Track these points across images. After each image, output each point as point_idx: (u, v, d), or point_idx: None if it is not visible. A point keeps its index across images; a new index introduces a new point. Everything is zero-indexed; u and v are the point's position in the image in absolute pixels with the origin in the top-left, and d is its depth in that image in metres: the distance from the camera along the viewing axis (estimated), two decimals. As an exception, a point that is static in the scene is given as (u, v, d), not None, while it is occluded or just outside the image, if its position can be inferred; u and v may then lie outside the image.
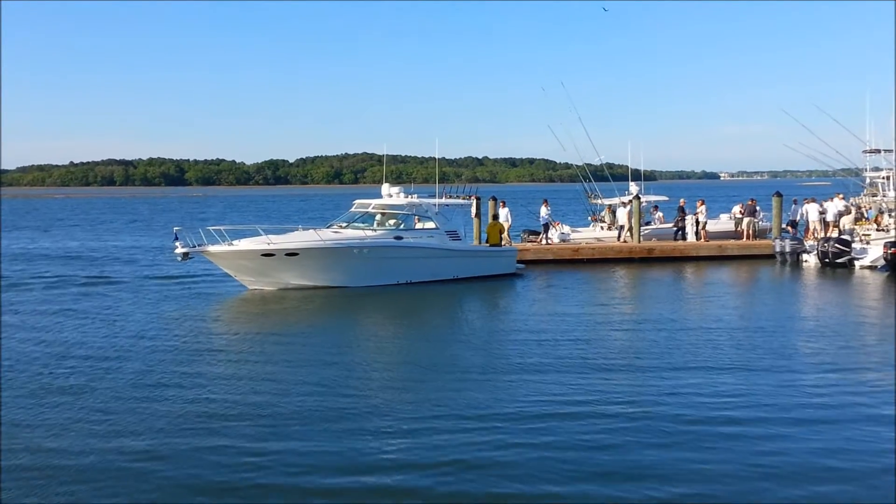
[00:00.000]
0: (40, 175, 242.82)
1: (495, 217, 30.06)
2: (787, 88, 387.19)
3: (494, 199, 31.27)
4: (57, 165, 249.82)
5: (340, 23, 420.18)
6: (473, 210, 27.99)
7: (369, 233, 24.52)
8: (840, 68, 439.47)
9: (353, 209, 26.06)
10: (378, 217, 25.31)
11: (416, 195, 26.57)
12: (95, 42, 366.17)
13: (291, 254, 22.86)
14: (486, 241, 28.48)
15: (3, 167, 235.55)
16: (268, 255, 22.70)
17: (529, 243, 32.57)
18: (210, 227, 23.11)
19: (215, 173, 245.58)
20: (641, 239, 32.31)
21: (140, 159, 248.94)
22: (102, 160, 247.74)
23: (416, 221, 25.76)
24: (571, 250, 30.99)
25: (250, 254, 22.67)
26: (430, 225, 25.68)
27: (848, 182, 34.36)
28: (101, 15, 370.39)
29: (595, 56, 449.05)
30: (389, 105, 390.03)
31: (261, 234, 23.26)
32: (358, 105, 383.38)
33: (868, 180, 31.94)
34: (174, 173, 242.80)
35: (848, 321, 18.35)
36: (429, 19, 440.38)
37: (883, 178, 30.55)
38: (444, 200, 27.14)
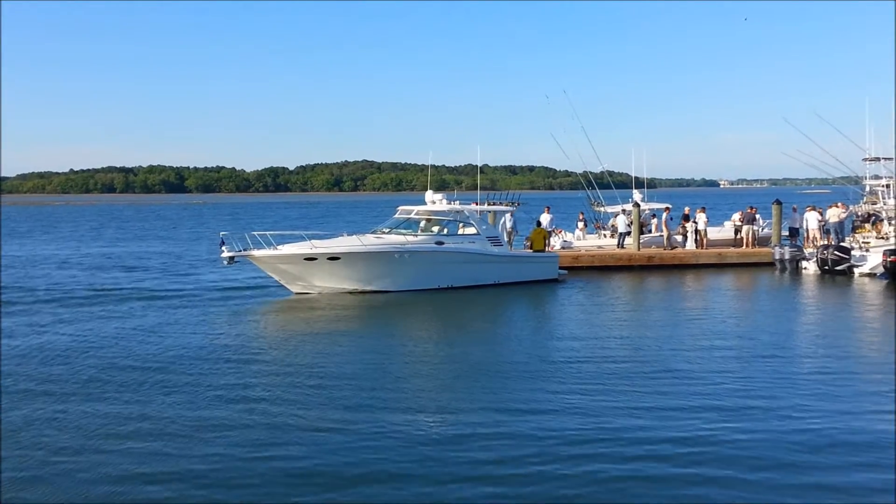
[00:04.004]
0: (40, 182, 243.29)
1: (538, 224, 30.36)
2: (787, 98, 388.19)
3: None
4: (57, 173, 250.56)
5: (340, 29, 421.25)
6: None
7: (411, 238, 24.78)
8: (840, 78, 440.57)
9: (396, 215, 26.43)
10: (422, 223, 25.64)
11: (458, 201, 26.92)
12: (96, 49, 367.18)
13: (333, 258, 23.21)
14: (531, 247, 28.67)
15: (3, 174, 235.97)
16: (310, 259, 23.07)
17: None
18: (255, 232, 23.72)
19: (215, 180, 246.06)
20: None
21: (140, 166, 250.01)
22: (102, 167, 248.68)
23: (460, 227, 25.99)
24: (571, 257, 30.94)
25: (293, 258, 23.07)
26: (472, 230, 25.89)
27: (847, 190, 34.38)
28: (101, 22, 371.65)
29: (595, 64, 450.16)
30: (389, 113, 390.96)
31: (304, 240, 23.64)
32: (358, 113, 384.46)
33: (868, 188, 31.97)
34: (174, 180, 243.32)
35: (847, 334, 18.35)
36: (429, 26, 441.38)
37: (883, 186, 30.58)
38: (486, 207, 27.52)
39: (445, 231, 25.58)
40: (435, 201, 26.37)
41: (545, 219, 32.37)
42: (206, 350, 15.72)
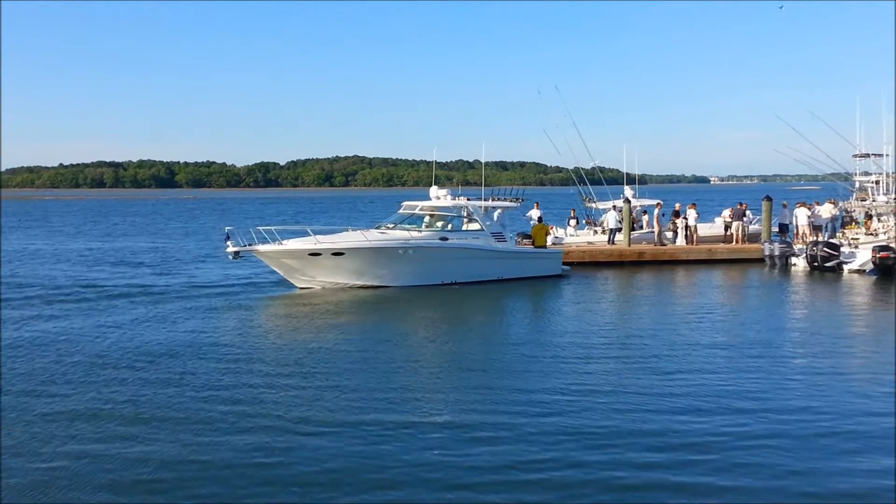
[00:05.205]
0: (30, 177, 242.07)
1: (540, 220, 30.42)
2: (778, 95, 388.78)
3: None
4: (46, 167, 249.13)
5: (332, 25, 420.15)
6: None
7: (415, 233, 24.78)
8: (831, 75, 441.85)
9: (400, 211, 26.44)
10: (427, 219, 25.62)
11: (462, 197, 26.93)
12: (86, 45, 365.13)
13: (337, 253, 23.26)
14: (533, 243, 28.66)
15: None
16: (315, 254, 23.12)
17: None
18: (260, 227, 23.77)
19: (206, 175, 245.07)
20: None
21: (130, 161, 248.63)
22: (92, 162, 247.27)
23: (465, 223, 26.01)
24: (562, 254, 30.90)
25: (298, 253, 23.16)
26: (476, 226, 25.88)
27: (837, 186, 34.48)
28: (91, 17, 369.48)
29: (587, 61, 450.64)
30: (380, 109, 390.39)
31: (309, 234, 23.66)
32: (349, 108, 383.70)
33: (858, 184, 32.06)
34: (164, 175, 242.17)
35: (835, 332, 18.37)
36: (421, 23, 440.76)
37: (872, 182, 30.68)
38: (491, 203, 27.55)
39: (450, 227, 25.59)
40: (440, 196, 26.38)
41: (534, 214, 32.40)
42: (207, 347, 15.54)
